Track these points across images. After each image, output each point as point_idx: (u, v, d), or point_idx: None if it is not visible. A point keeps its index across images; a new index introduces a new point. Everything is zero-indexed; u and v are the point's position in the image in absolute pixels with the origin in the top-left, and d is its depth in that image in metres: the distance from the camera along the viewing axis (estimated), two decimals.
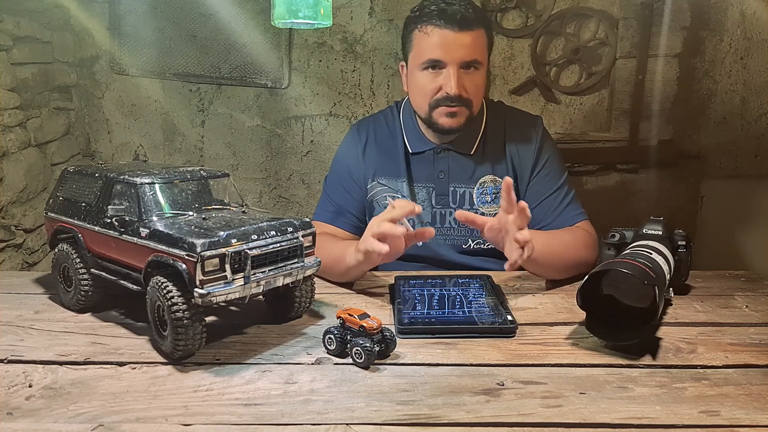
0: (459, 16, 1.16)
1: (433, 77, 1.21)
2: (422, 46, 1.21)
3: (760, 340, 0.89)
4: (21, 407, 0.70)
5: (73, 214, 0.97)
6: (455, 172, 1.30)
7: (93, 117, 2.34)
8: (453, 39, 1.17)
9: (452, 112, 1.22)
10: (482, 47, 1.22)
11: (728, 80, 2.19)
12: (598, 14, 2.15)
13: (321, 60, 2.27)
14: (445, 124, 1.23)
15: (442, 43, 1.18)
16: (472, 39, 1.18)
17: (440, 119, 1.23)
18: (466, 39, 1.17)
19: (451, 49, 1.17)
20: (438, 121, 1.23)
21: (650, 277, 0.83)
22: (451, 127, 1.24)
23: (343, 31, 2.24)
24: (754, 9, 2.12)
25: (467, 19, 1.17)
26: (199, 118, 2.33)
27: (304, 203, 2.41)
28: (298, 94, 2.29)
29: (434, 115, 1.23)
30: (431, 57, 1.19)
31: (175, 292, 0.78)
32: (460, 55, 1.18)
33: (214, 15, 2.20)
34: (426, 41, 1.19)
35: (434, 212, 1.31)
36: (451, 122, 1.23)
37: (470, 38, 1.18)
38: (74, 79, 2.26)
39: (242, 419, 0.68)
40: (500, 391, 0.74)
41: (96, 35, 2.24)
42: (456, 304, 1.00)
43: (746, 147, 2.23)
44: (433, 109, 1.23)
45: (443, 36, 1.17)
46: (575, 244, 1.18)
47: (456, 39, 1.17)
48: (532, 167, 1.30)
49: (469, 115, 1.24)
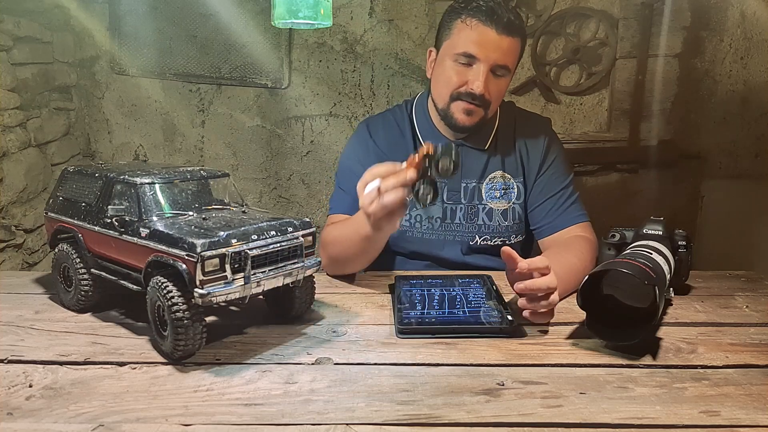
0: (506, 19, 1.17)
1: (463, 70, 1.21)
2: (461, 37, 1.20)
3: (760, 340, 0.89)
4: (21, 407, 0.70)
5: (74, 214, 0.97)
6: (468, 168, 1.31)
7: (93, 117, 2.34)
8: (493, 39, 1.17)
9: (470, 110, 1.22)
10: (515, 56, 1.23)
11: (728, 80, 2.19)
12: (598, 14, 2.15)
13: (321, 60, 2.27)
14: (460, 121, 1.24)
15: (482, 40, 1.18)
16: (510, 45, 1.19)
17: (457, 114, 1.24)
18: (504, 43, 1.18)
19: (489, 48, 1.18)
20: (454, 115, 1.24)
21: (650, 277, 0.83)
22: (465, 125, 1.24)
23: (343, 31, 2.24)
24: (754, 9, 2.12)
25: (512, 24, 1.18)
26: (199, 118, 2.33)
27: (304, 203, 2.41)
28: (298, 94, 2.30)
29: (452, 108, 1.24)
30: (467, 50, 1.19)
31: (175, 292, 0.78)
32: (495, 57, 1.18)
33: (214, 15, 2.20)
34: (466, 33, 1.19)
35: (445, 208, 1.31)
36: (466, 120, 1.24)
37: (509, 43, 1.18)
38: (74, 80, 2.26)
39: (242, 419, 0.68)
40: (500, 391, 0.74)
41: (96, 35, 2.24)
42: (456, 304, 1.00)
43: (746, 147, 2.23)
44: (453, 101, 1.23)
45: (485, 33, 1.17)
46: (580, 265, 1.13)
47: (496, 40, 1.17)
48: (540, 166, 1.31)
49: (484, 116, 1.25)
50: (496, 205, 1.30)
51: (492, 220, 1.31)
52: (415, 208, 1.32)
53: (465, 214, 1.31)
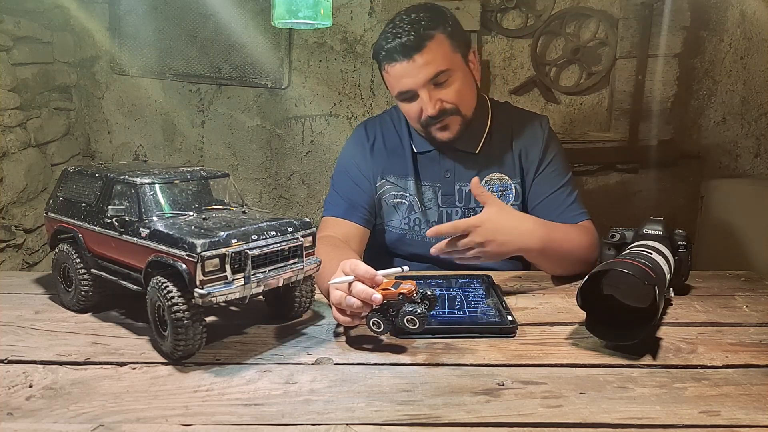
0: (401, 46, 1.17)
1: (412, 104, 1.24)
2: (390, 82, 1.25)
3: (760, 340, 0.89)
4: (21, 407, 0.70)
5: (74, 215, 0.97)
6: (461, 171, 1.31)
7: (93, 117, 2.34)
8: (408, 68, 1.18)
9: (443, 126, 1.24)
10: (444, 54, 1.20)
11: (728, 80, 2.19)
12: (598, 14, 2.15)
13: (321, 60, 2.27)
14: (441, 137, 1.26)
15: (401, 74, 1.20)
16: (428, 56, 1.18)
17: (436, 134, 1.26)
18: (420, 61, 1.18)
19: (411, 76, 1.19)
20: (435, 135, 1.26)
21: (650, 277, 0.83)
22: (448, 139, 1.26)
23: (343, 31, 2.24)
24: (754, 9, 2.12)
25: (410, 44, 1.17)
26: (199, 118, 2.33)
27: (304, 203, 2.41)
28: (298, 94, 2.29)
29: (430, 132, 1.26)
30: (400, 90, 1.23)
31: (175, 293, 0.78)
32: (423, 77, 1.18)
33: (214, 15, 2.20)
34: (390, 78, 1.23)
35: (440, 211, 1.32)
36: (446, 134, 1.26)
37: (425, 57, 1.18)
38: (74, 80, 2.26)
39: (242, 419, 0.68)
40: (500, 391, 0.74)
41: (96, 35, 2.24)
42: (456, 304, 1.00)
43: (746, 147, 2.23)
44: (426, 128, 1.26)
45: (400, 69, 1.19)
46: (580, 242, 1.18)
47: (410, 67, 1.18)
48: (538, 164, 1.31)
49: (462, 120, 1.25)
50: None
51: None
52: (413, 211, 1.32)
53: (462, 217, 1.31)
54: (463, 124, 1.25)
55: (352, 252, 1.18)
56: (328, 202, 1.36)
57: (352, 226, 1.30)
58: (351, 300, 0.85)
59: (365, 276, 0.85)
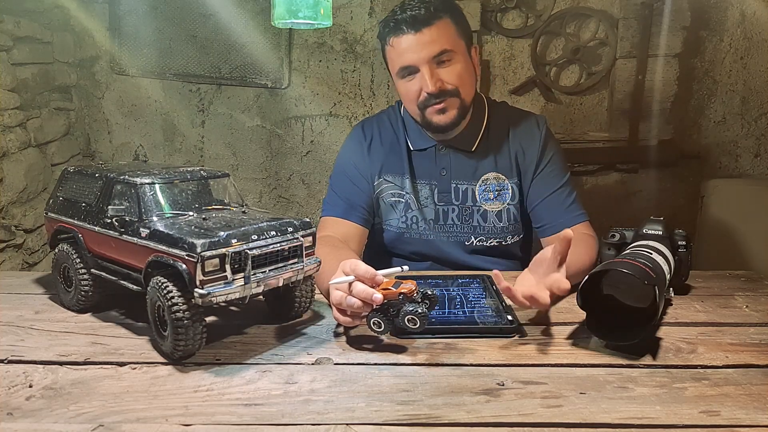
0: (411, 18, 1.17)
1: (412, 82, 1.22)
2: (393, 58, 1.24)
3: (760, 340, 0.89)
4: (21, 407, 0.70)
5: (74, 215, 0.97)
6: (457, 170, 1.31)
7: (93, 117, 2.34)
8: (414, 41, 1.18)
9: (441, 108, 1.22)
10: (450, 35, 1.21)
11: (728, 80, 2.19)
12: (598, 14, 2.15)
13: (321, 60, 2.27)
14: (438, 122, 1.24)
15: (405, 49, 1.19)
16: (435, 33, 1.18)
17: (433, 117, 1.23)
18: (426, 36, 1.18)
19: (415, 51, 1.19)
20: (431, 120, 1.24)
21: (650, 277, 0.83)
22: (446, 123, 1.24)
23: (343, 31, 2.24)
24: (754, 9, 2.12)
25: (421, 17, 1.17)
26: (199, 118, 2.33)
27: (304, 203, 2.41)
28: (298, 94, 2.29)
29: (427, 116, 1.24)
30: (402, 65, 1.22)
31: (175, 293, 0.78)
32: (427, 53, 1.18)
33: (214, 15, 2.20)
34: (394, 53, 1.22)
35: (437, 209, 1.32)
36: (442, 118, 1.23)
37: (432, 33, 1.18)
38: (74, 80, 2.26)
39: (242, 419, 0.68)
40: (500, 391, 0.74)
41: (96, 35, 2.24)
42: (456, 304, 1.00)
43: (746, 147, 2.23)
44: (423, 110, 1.24)
45: (405, 42, 1.19)
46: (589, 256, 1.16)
47: (417, 40, 1.18)
48: (536, 164, 1.30)
49: (460, 105, 1.23)
50: (490, 207, 1.30)
51: (487, 222, 1.31)
52: (410, 209, 1.32)
53: (459, 216, 1.31)
54: (461, 110, 1.24)
55: (352, 252, 1.18)
56: (326, 202, 1.36)
57: (351, 225, 1.30)
58: (351, 300, 0.85)
59: (365, 276, 0.85)
